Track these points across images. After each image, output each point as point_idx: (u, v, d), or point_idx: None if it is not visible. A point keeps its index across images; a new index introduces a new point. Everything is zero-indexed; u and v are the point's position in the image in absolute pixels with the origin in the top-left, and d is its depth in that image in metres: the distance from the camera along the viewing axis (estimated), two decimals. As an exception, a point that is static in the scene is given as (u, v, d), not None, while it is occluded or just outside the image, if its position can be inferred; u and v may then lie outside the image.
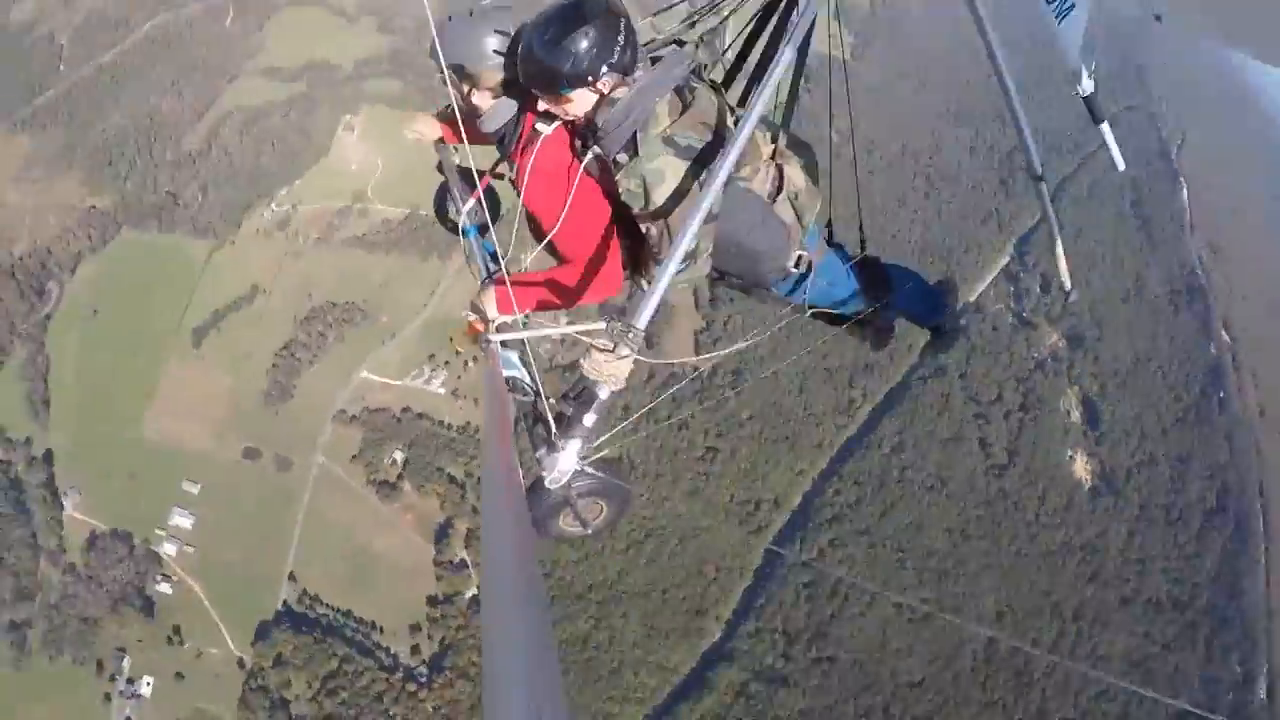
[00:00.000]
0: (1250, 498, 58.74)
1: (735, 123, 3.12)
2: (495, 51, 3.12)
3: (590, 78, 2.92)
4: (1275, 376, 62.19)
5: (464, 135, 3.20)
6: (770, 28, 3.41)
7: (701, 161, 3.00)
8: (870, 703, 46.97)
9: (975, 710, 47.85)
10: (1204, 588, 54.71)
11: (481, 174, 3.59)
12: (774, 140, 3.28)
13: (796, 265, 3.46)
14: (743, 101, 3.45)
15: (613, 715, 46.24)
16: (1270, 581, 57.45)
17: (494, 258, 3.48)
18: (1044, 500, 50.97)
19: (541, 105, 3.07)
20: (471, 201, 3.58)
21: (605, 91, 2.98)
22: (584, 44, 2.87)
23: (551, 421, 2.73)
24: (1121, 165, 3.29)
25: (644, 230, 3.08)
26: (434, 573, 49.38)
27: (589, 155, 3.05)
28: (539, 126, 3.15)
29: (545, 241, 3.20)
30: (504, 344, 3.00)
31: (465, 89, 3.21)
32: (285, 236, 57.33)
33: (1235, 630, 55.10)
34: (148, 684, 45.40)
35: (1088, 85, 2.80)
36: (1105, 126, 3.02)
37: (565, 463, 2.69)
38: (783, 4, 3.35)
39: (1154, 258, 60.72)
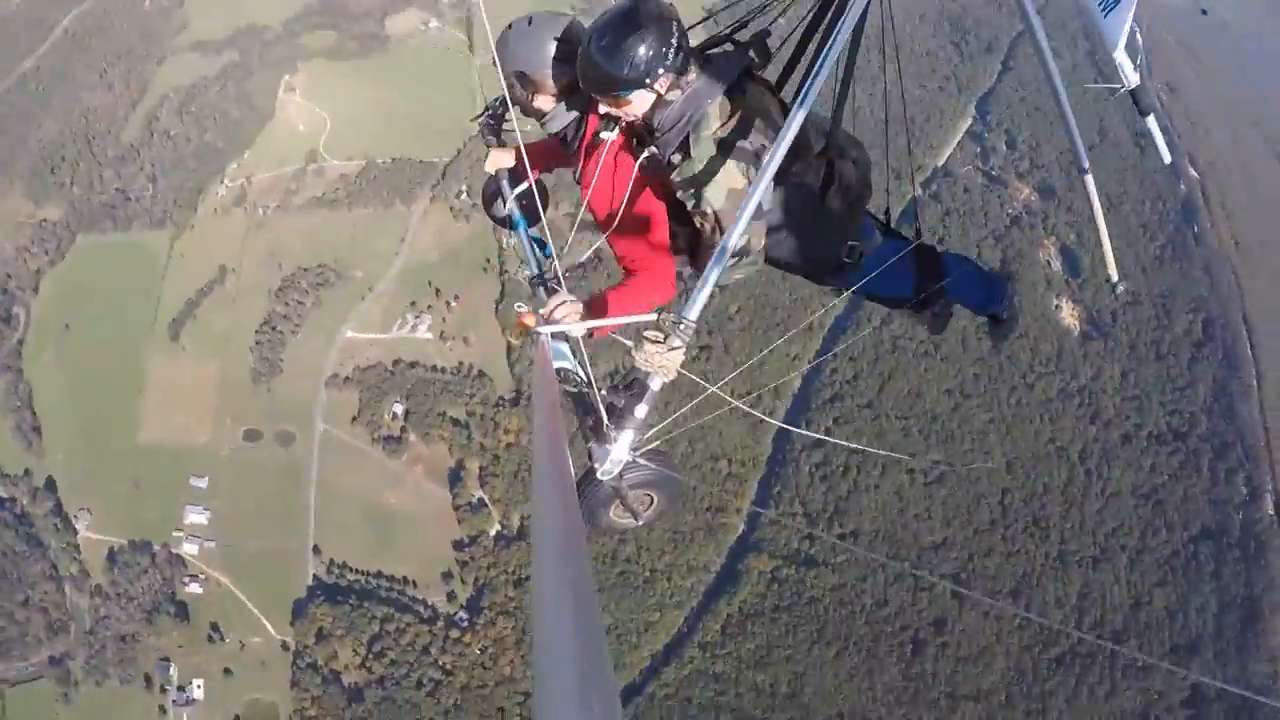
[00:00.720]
0: (1235, 325, 59.75)
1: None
2: (555, 58, 3.27)
3: (646, 81, 3.04)
4: (1244, 206, 62.91)
5: (528, 161, 3.41)
6: (823, 27, 3.46)
7: (751, 161, 3.13)
8: (898, 569, 48.06)
9: (999, 561, 49.13)
10: (1201, 416, 55.91)
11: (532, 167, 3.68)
12: (824, 135, 3.36)
13: (849, 256, 3.57)
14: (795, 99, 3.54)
15: (654, 623, 47.14)
16: (1264, 403, 58.82)
17: (540, 246, 3.67)
18: (1036, 350, 51.69)
19: (601, 108, 3.22)
20: (523, 186, 3.72)
21: (660, 93, 3.11)
22: (639, 49, 2.99)
23: (604, 413, 2.79)
24: (1168, 158, 3.42)
25: (699, 226, 3.20)
26: (454, 517, 49.65)
27: (645, 155, 3.18)
28: (602, 133, 3.32)
29: (604, 238, 3.37)
30: (554, 335, 3.04)
31: (528, 93, 3.34)
32: (244, 211, 56.12)
33: (1236, 453, 56.49)
34: (198, 687, 45.63)
35: (1133, 78, 2.84)
36: (1151, 119, 3.09)
37: (618, 454, 2.78)
38: (834, 5, 3.39)
39: (1113, 103, 60.76)
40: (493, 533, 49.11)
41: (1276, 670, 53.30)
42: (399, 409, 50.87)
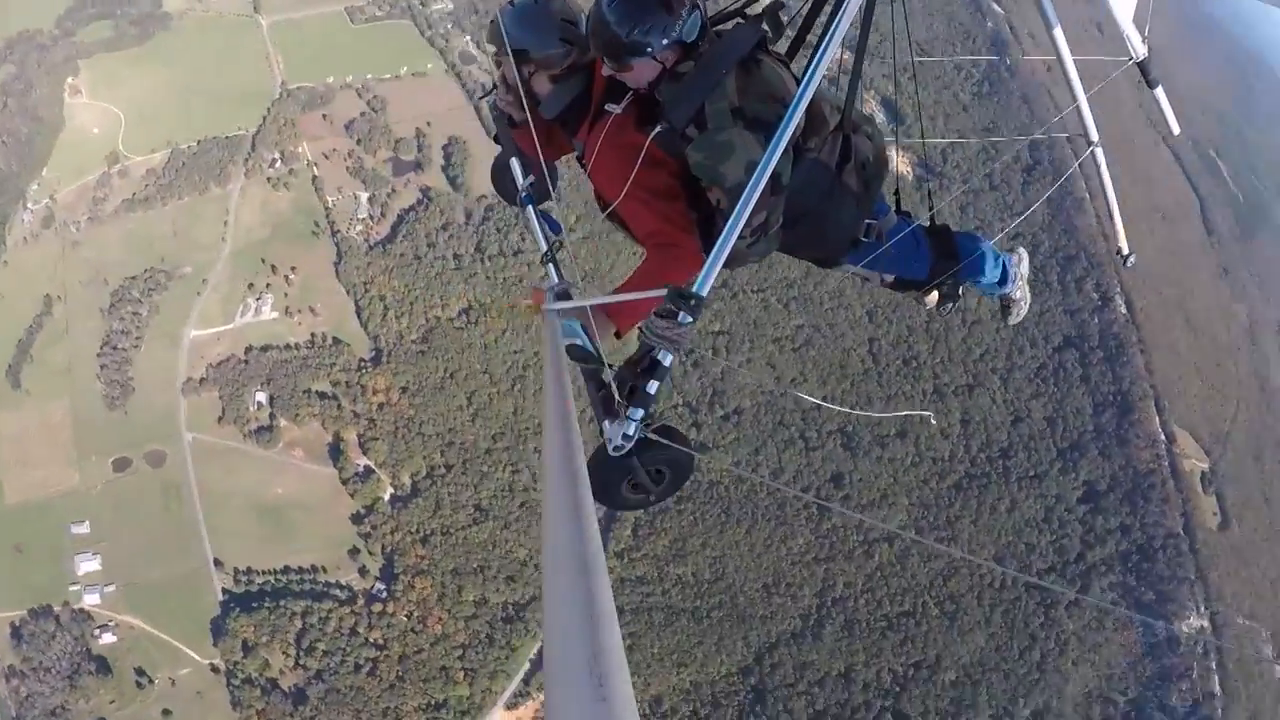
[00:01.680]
0: (1059, 144, 62.78)
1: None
2: (558, 37, 3.20)
3: (656, 45, 2.96)
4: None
5: (536, 140, 3.18)
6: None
7: (768, 133, 2.97)
8: (787, 435, 49.55)
9: (880, 406, 51.19)
10: (1042, 235, 59.05)
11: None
12: (839, 110, 3.31)
13: (866, 235, 3.52)
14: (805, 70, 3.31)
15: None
16: (1097, 213, 62.40)
17: (550, 223, 3.59)
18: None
19: (606, 71, 3.14)
20: (530, 179, 3.65)
21: (671, 62, 3.02)
22: (652, 13, 2.92)
23: (615, 389, 2.73)
24: (1177, 129, 3.50)
25: (715, 203, 3.06)
26: (345, 491, 48.73)
27: (657, 129, 3.06)
28: (608, 106, 3.23)
29: (606, 213, 3.30)
30: (565, 312, 3.01)
31: (526, 73, 3.25)
32: (54, 232, 52.75)
33: (1081, 263, 59.99)
34: (143, 736, 43.69)
35: (1141, 50, 2.85)
36: (1160, 91, 3.10)
37: (630, 430, 2.72)
38: None
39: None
40: (387, 497, 48.48)
41: (1158, 454, 57.52)
42: (262, 397, 49.28)
